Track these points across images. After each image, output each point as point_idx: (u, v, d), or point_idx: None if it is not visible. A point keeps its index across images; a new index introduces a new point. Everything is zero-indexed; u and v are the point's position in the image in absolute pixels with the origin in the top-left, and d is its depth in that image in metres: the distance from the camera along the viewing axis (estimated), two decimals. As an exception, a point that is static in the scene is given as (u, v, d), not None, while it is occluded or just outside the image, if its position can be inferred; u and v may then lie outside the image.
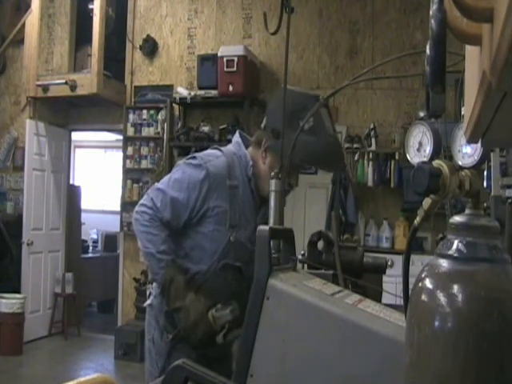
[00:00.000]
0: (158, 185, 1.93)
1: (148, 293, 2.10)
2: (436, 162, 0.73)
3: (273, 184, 1.53)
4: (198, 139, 5.67)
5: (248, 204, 1.95)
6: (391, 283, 2.70)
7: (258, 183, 1.96)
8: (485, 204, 1.72)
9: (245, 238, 1.90)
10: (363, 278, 1.73)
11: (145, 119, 6.20)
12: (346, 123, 5.58)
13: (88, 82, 5.85)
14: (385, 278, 1.90)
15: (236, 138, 2.06)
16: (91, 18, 5.94)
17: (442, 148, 2.14)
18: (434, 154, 2.13)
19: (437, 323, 0.61)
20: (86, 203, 8.15)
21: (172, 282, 1.80)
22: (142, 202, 1.91)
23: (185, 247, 1.93)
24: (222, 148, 2.01)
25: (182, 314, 1.78)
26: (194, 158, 1.94)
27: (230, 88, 5.42)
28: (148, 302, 2.03)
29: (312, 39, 5.76)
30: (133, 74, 6.44)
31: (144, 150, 6.20)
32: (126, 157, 6.29)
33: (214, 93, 5.59)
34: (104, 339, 6.39)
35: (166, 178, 1.95)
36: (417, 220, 0.80)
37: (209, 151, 2.01)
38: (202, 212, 1.88)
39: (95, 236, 8.87)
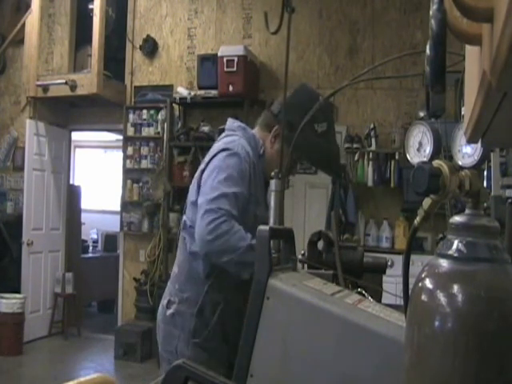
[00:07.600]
0: (209, 197, 1.74)
1: (166, 301, 1.90)
2: (436, 162, 0.74)
3: (273, 184, 1.53)
4: (198, 139, 5.67)
5: (260, 182, 1.94)
6: (391, 283, 2.70)
7: (264, 164, 1.95)
8: (485, 204, 1.73)
9: (262, 213, 1.84)
10: (363, 278, 1.73)
11: (145, 119, 6.20)
12: (345, 123, 5.57)
13: (88, 82, 5.84)
14: (385, 278, 1.90)
15: (236, 123, 2.03)
16: (91, 18, 5.93)
17: (442, 148, 2.14)
18: (434, 154, 2.13)
19: (437, 323, 0.61)
20: (86, 203, 8.14)
21: None
22: (208, 220, 1.70)
23: None
24: (234, 133, 1.98)
25: None
26: (224, 150, 1.85)
27: (230, 88, 5.42)
28: (170, 310, 1.88)
29: (312, 39, 5.76)
30: (133, 74, 6.44)
31: (144, 150, 6.20)
32: (126, 157, 6.29)
33: (213, 93, 5.58)
34: (104, 339, 6.38)
35: (208, 187, 1.77)
36: (417, 220, 0.80)
37: (228, 139, 1.94)
38: (248, 196, 1.84)
39: (95, 236, 8.87)
